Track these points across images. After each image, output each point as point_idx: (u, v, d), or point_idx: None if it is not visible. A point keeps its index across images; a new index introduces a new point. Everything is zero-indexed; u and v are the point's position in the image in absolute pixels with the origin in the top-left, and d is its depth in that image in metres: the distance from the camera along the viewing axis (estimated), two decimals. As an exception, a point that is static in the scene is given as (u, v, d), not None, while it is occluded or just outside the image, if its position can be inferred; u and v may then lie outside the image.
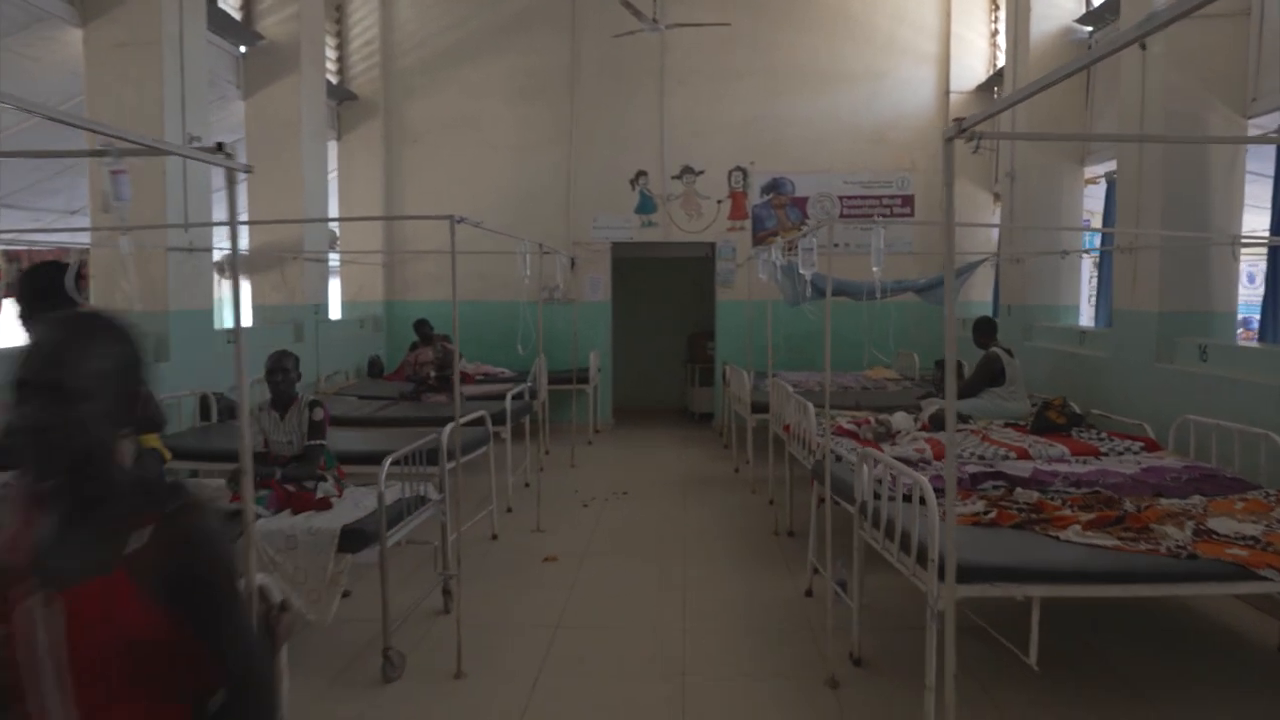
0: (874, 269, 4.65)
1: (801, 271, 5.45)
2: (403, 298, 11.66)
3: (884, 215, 11.29)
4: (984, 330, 7.36)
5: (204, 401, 6.93)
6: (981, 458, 5.69)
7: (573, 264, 8.94)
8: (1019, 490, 4.49)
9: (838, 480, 4.86)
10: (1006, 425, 6.80)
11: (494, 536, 6.66)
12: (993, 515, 3.98)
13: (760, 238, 11.32)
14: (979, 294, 11.07)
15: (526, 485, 8.29)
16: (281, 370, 5.02)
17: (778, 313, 10.94)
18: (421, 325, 9.09)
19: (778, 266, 6.96)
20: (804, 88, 11.33)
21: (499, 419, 7.36)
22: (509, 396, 7.50)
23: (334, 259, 11.23)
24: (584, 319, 11.44)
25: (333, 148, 11.34)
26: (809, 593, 5.41)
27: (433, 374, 8.89)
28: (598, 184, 11.43)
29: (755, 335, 10.03)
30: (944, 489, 3.19)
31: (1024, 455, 5.72)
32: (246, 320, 13.59)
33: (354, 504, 4.60)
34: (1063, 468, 5.15)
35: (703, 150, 11.37)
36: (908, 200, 11.30)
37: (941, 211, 11.45)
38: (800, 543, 6.42)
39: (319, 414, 5.02)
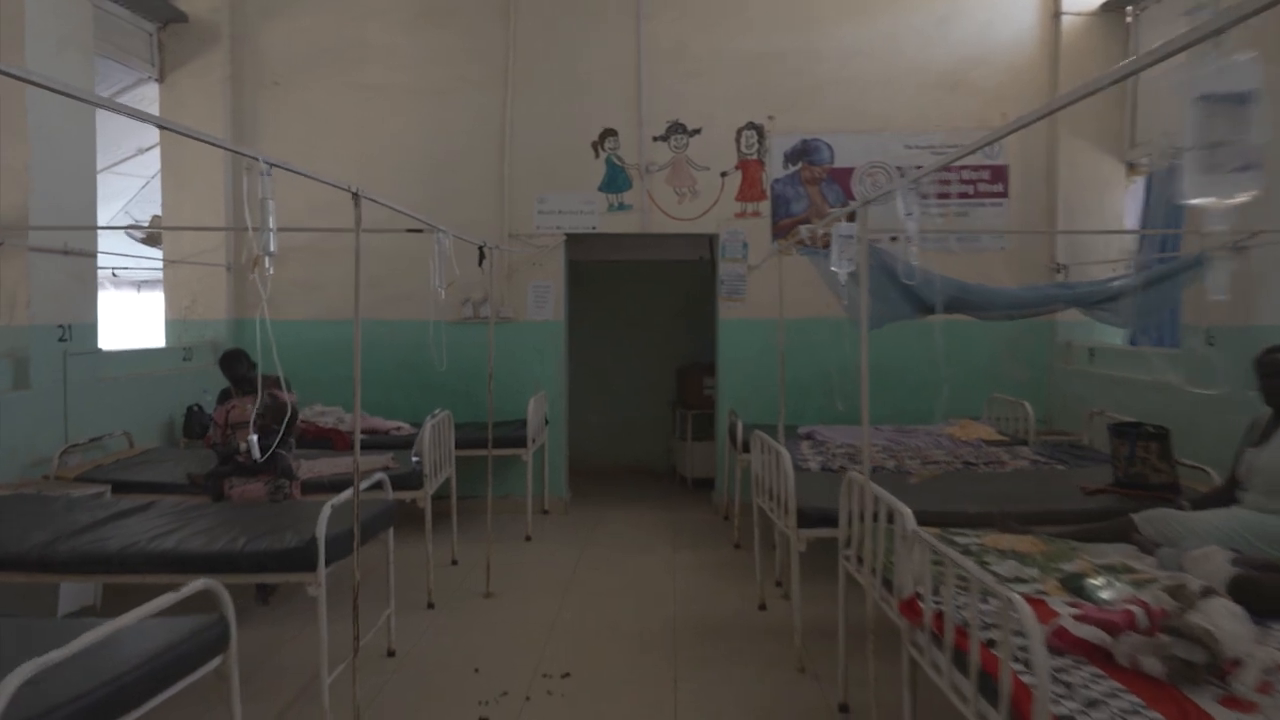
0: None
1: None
2: (258, 315, 7.92)
3: (966, 196, 7.69)
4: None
5: None
6: None
7: (480, 257, 5.25)
8: None
9: None
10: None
11: None
12: None
13: (783, 226, 7.69)
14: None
15: (390, 654, 4.58)
16: None
17: (815, 336, 7.35)
18: (234, 362, 5.41)
19: (900, 262, 3.37)
20: (847, 8, 7.74)
21: (300, 558, 3.64)
22: (325, 512, 3.77)
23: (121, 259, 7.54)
24: (523, 346, 7.76)
25: (150, 91, 7.67)
26: None
27: (243, 447, 5.16)
28: (545, 148, 7.78)
29: (771, 370, 6.41)
30: None
31: None
32: None
33: None
34: None
35: (700, 100, 7.75)
36: (998, 173, 7.70)
37: (1046, 186, 7.81)
38: None
39: None
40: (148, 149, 8.71)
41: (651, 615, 5.25)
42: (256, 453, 3.72)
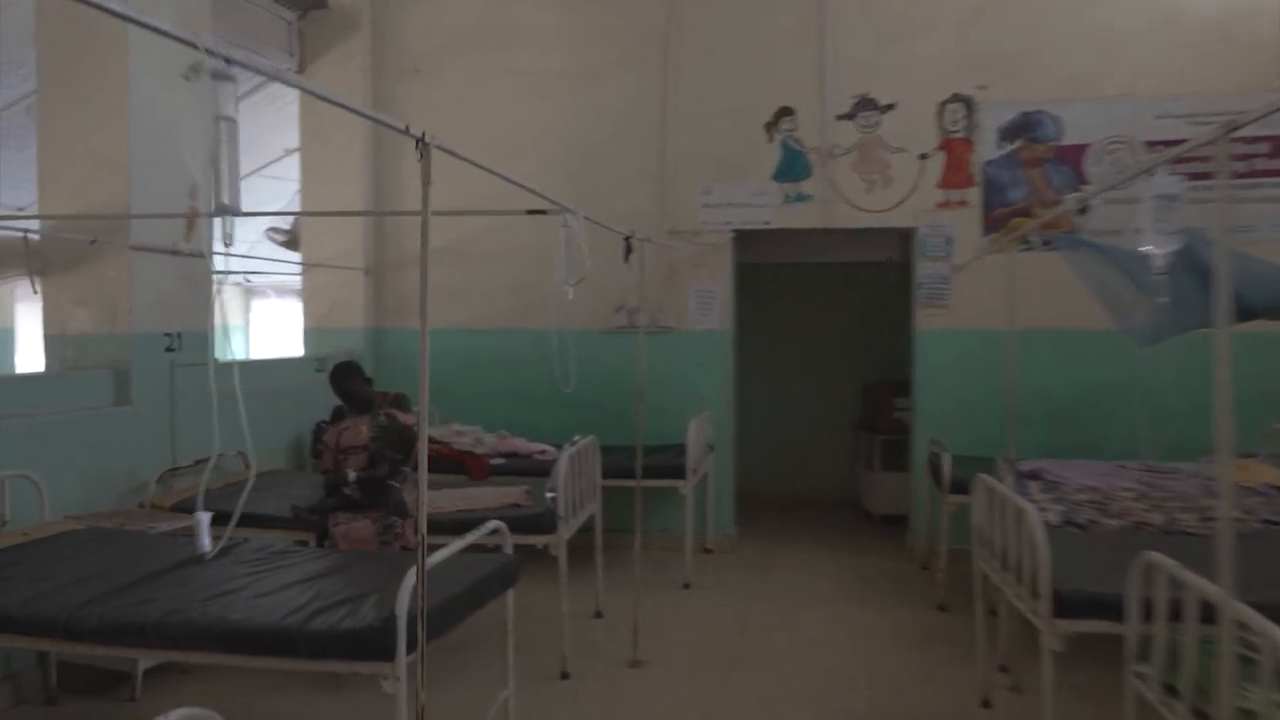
0: None
1: None
2: (397, 323, 7.30)
3: (1237, 174, 6.14)
4: None
5: None
6: None
7: (627, 251, 4.28)
8: None
9: None
10: None
11: None
12: None
13: (997, 217, 6.38)
14: None
15: (506, 749, 3.66)
16: None
17: (1036, 351, 5.98)
18: (345, 376, 4.68)
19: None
20: (1079, -49, 6.37)
21: (375, 641, 2.75)
22: (408, 581, 2.85)
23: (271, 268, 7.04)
24: (684, 360, 6.78)
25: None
26: None
27: (352, 477, 4.39)
28: (711, 132, 6.77)
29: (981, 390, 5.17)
30: None
31: None
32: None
33: None
34: None
35: (894, 69, 6.54)
36: (1280, 145, 6.12)
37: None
38: None
39: None
40: (294, 150, 8.28)
41: (837, 706, 4.11)
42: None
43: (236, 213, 1.81)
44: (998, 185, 6.41)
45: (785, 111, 6.66)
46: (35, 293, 4.56)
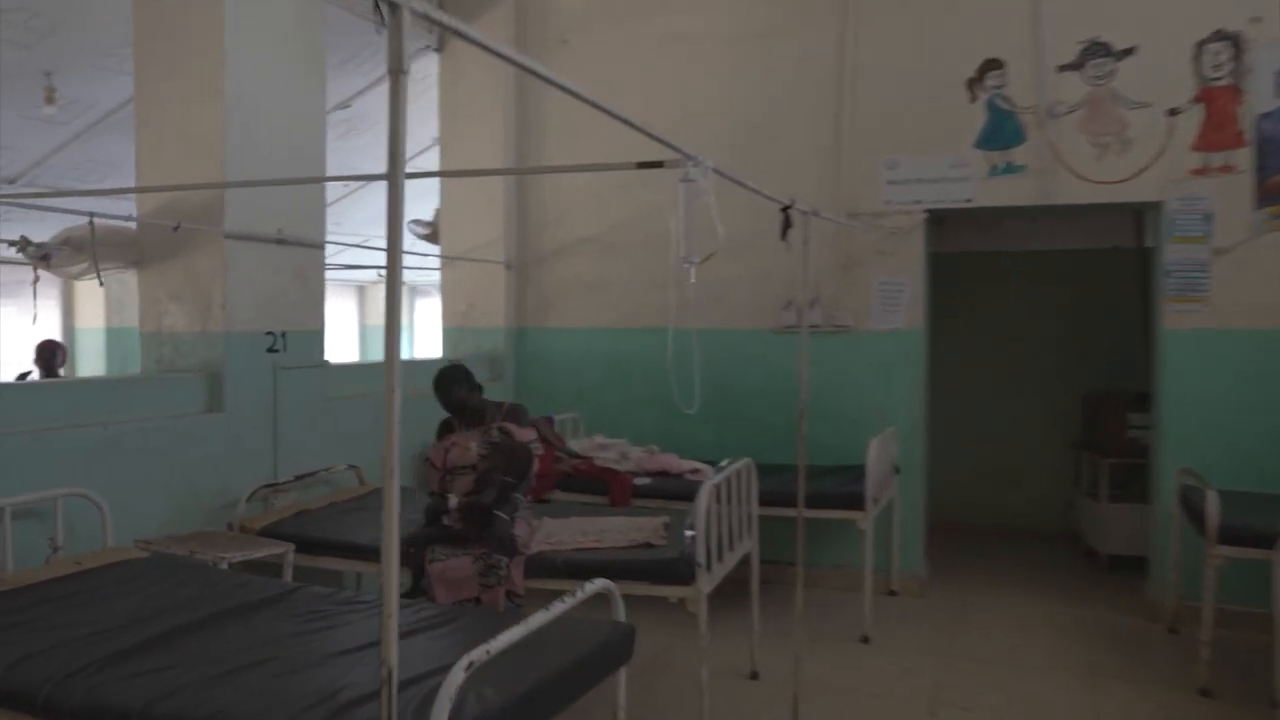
0: None
1: None
2: (540, 321, 6.60)
3: None
4: None
5: None
6: None
7: (785, 228, 3.32)
8: None
9: None
10: None
11: None
12: None
13: (1275, 185, 4.98)
14: None
15: None
16: None
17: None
18: (450, 382, 3.97)
19: None
20: None
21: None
22: (453, 680, 2.05)
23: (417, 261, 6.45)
24: (863, 365, 5.76)
25: (429, 63, 6.66)
26: None
27: (453, 503, 3.68)
28: (898, 94, 5.68)
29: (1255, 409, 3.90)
30: None
31: None
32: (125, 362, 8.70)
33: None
34: None
35: (1132, 4, 5.26)
36: None
37: None
38: None
39: None
40: (443, 139, 7.79)
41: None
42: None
43: None
44: (1277, 145, 5.01)
45: (992, 64, 5.48)
46: (100, 285, 4.11)
